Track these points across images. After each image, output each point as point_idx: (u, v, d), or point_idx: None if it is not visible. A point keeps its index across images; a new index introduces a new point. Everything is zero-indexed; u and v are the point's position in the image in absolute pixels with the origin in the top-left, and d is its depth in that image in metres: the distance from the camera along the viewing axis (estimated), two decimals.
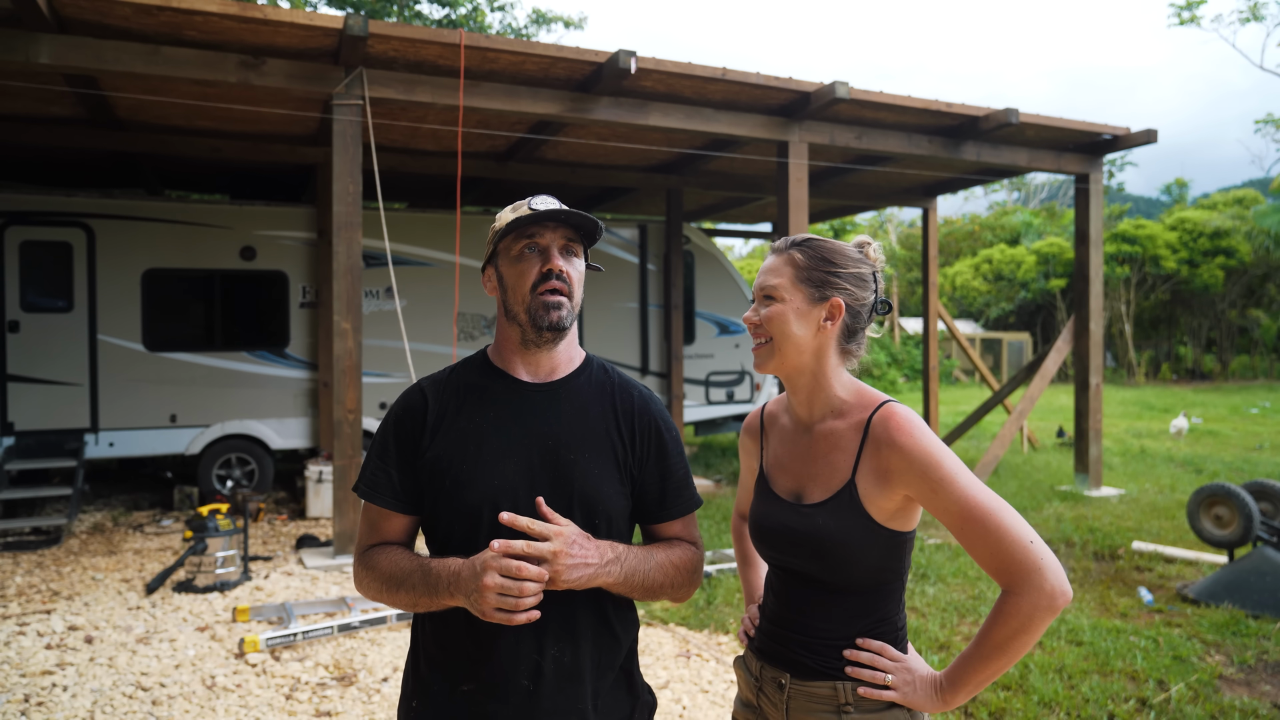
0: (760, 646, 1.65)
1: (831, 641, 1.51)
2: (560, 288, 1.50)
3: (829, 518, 1.48)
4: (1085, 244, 8.84)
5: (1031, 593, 1.34)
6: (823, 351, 1.54)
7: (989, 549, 1.37)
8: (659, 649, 4.47)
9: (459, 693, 1.47)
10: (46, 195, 8.18)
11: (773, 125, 7.34)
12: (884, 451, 1.45)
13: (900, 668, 1.48)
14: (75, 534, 7.01)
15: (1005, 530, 1.36)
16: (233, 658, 4.33)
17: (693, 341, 10.65)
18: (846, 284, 1.53)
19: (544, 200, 1.51)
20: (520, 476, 1.47)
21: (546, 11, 20.02)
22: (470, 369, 1.59)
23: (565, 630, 1.47)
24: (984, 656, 1.40)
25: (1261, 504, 5.43)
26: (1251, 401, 19.32)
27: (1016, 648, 1.37)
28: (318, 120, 7.39)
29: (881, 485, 1.46)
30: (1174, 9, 20.63)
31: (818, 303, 1.53)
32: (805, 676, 1.53)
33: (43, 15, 5.00)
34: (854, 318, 1.55)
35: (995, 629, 1.38)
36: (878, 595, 1.52)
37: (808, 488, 1.55)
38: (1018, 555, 1.35)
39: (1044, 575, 1.34)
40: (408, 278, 8.70)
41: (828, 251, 1.55)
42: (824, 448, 1.54)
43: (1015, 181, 37.83)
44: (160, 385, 8.08)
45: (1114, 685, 3.94)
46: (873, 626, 1.52)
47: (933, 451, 1.42)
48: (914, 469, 1.42)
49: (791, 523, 1.53)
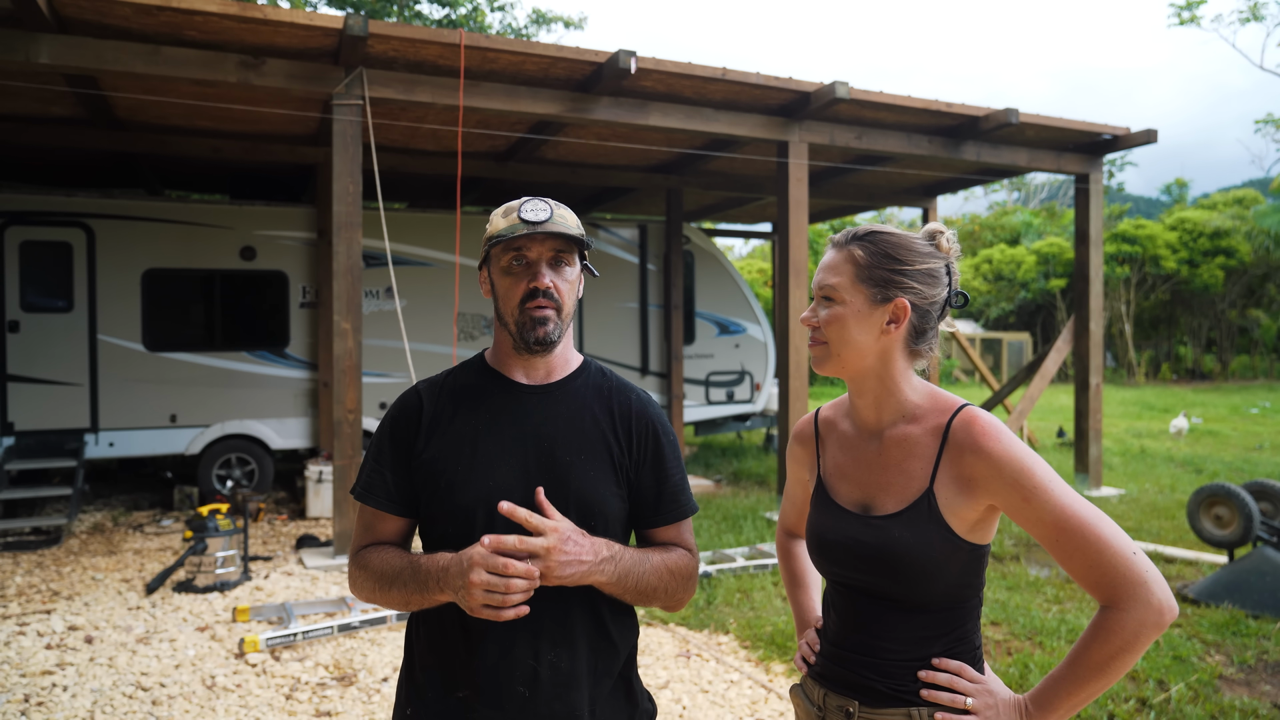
0: (822, 672, 1.52)
1: (905, 664, 1.40)
2: (546, 304, 1.48)
3: (905, 529, 1.38)
4: (1085, 244, 8.84)
5: (1138, 608, 1.24)
6: (888, 354, 1.43)
7: (1088, 562, 1.27)
8: (659, 649, 4.47)
9: (454, 699, 1.46)
10: (46, 195, 8.18)
11: (773, 125, 7.34)
12: (968, 458, 1.35)
13: (981, 689, 1.36)
14: (75, 534, 7.01)
15: (1106, 542, 1.26)
16: (233, 658, 4.33)
17: (693, 341, 10.64)
18: (914, 282, 1.41)
19: (534, 208, 1.47)
20: (516, 479, 1.47)
21: (546, 11, 20.04)
22: (467, 372, 1.59)
23: (562, 636, 1.46)
24: (1079, 678, 1.28)
25: (1261, 504, 5.43)
26: (1251, 401, 19.32)
27: (1117, 668, 1.26)
28: (318, 120, 7.39)
29: (964, 494, 1.36)
30: (1174, 9, 20.62)
31: (880, 304, 1.41)
32: (876, 703, 1.41)
33: (43, 15, 5.00)
34: (922, 318, 1.43)
35: (1094, 647, 1.27)
36: (955, 613, 1.41)
37: (878, 498, 1.44)
38: (1120, 568, 1.25)
39: (1150, 589, 1.24)
40: (408, 278, 8.70)
41: (892, 247, 1.42)
42: (897, 455, 1.43)
43: (1015, 181, 37.84)
44: (160, 385, 8.08)
45: (1114, 685, 3.94)
46: (950, 646, 1.40)
47: (1023, 458, 1.32)
48: (1003, 477, 1.32)
49: (861, 536, 1.42)
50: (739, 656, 4.39)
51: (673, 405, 10.25)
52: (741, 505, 7.90)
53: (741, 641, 4.58)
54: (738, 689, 3.98)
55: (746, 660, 4.34)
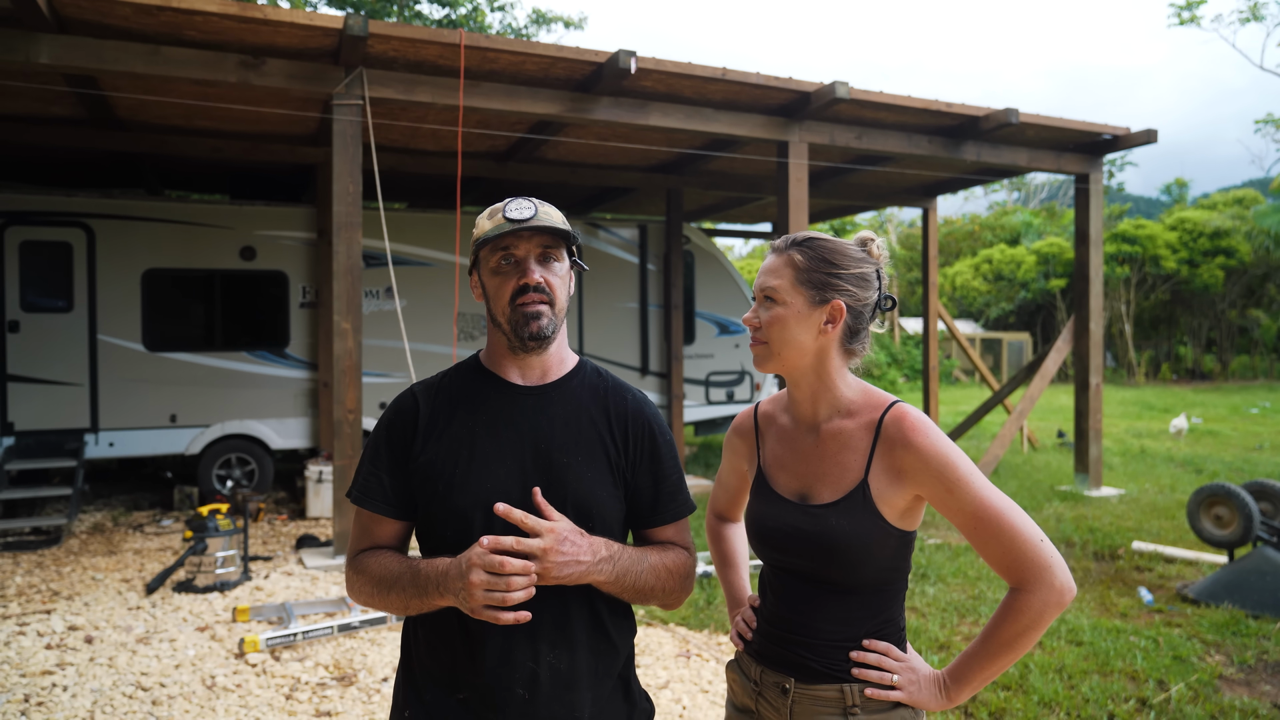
0: (760, 650, 1.63)
1: (838, 644, 1.51)
2: (538, 298, 1.48)
3: (841, 518, 1.48)
4: (1085, 244, 8.85)
5: (1042, 590, 1.37)
6: (825, 353, 1.53)
7: (1001, 548, 1.40)
8: (659, 649, 4.47)
9: (453, 702, 1.46)
10: (46, 195, 8.18)
11: (773, 125, 7.34)
12: (898, 451, 1.46)
13: (905, 667, 1.49)
14: (75, 534, 7.01)
15: (1017, 530, 1.39)
16: (233, 658, 4.33)
17: (693, 341, 10.65)
18: (848, 285, 1.51)
19: (518, 206, 1.47)
20: (513, 480, 1.47)
21: (546, 11, 20.04)
22: (463, 373, 1.59)
23: (561, 637, 1.46)
24: (990, 654, 1.42)
25: (1261, 504, 5.43)
26: (1251, 401, 19.32)
27: (1023, 644, 1.40)
28: (318, 120, 7.39)
29: (895, 485, 1.47)
30: (1174, 9, 20.63)
31: (818, 305, 1.51)
32: (811, 680, 1.52)
33: (43, 15, 5.00)
34: (856, 318, 1.53)
35: (1004, 626, 1.40)
36: (884, 596, 1.52)
37: (815, 488, 1.54)
38: (1029, 554, 1.38)
39: (1053, 573, 1.37)
40: (408, 278, 8.70)
41: (828, 252, 1.52)
42: (833, 447, 1.53)
43: (1015, 181, 37.84)
44: (160, 385, 8.08)
45: (1114, 685, 3.94)
46: (879, 628, 1.52)
47: (948, 453, 1.43)
48: (929, 469, 1.43)
49: (800, 523, 1.52)
50: None
51: (673, 405, 10.25)
52: None
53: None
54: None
55: None
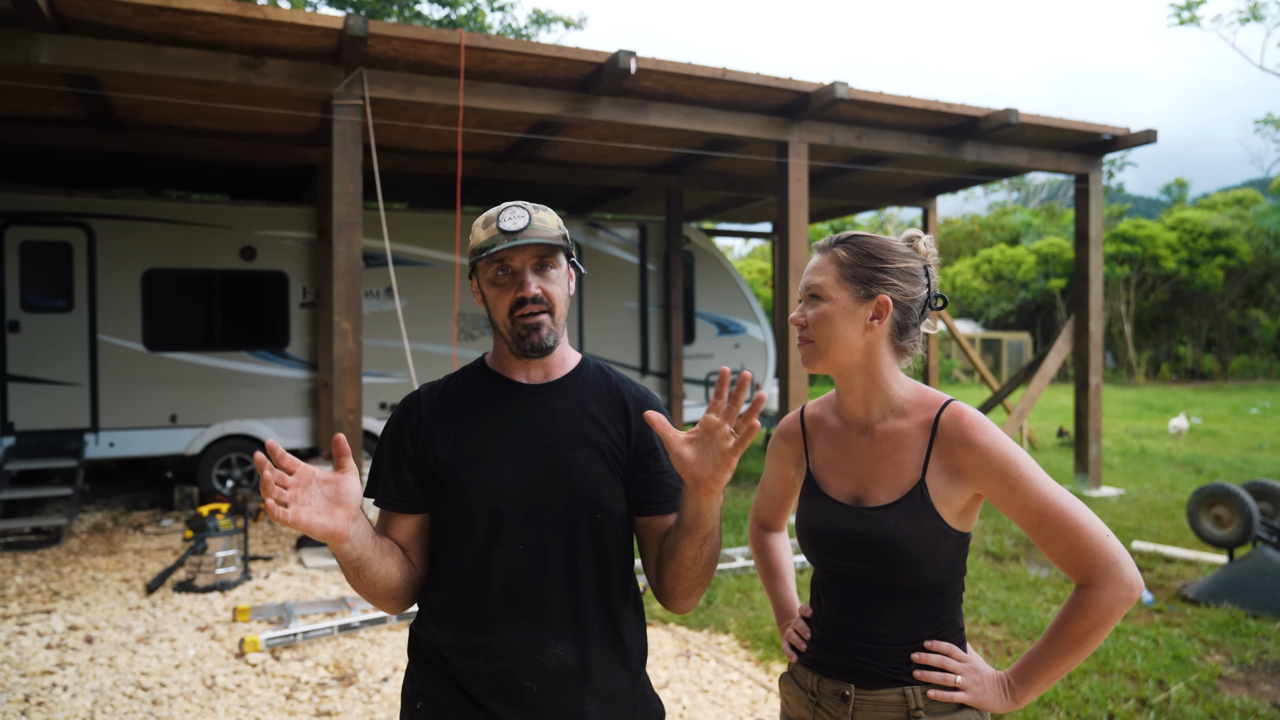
0: (815, 658, 1.58)
1: (898, 647, 1.48)
2: (537, 309, 1.48)
3: (899, 519, 1.45)
4: (1085, 244, 8.85)
5: (1111, 585, 1.35)
6: (874, 350, 1.50)
7: (1066, 545, 1.38)
8: (659, 649, 4.47)
9: (463, 695, 1.47)
10: (46, 195, 8.18)
11: (772, 125, 7.34)
12: (957, 450, 1.44)
13: (968, 668, 1.46)
14: (75, 534, 7.01)
15: (1082, 526, 1.37)
16: (233, 658, 4.33)
17: (693, 341, 10.65)
18: (894, 279, 1.49)
19: (512, 216, 1.47)
20: (518, 476, 1.48)
21: (546, 11, 20.04)
22: (468, 374, 1.61)
23: (571, 632, 1.47)
24: (1058, 652, 1.39)
25: (1261, 504, 5.43)
26: (1251, 401, 19.32)
27: (1091, 642, 1.38)
28: (318, 120, 7.39)
29: (953, 484, 1.44)
30: (1174, 9, 20.60)
31: (864, 300, 1.49)
32: (872, 685, 1.48)
33: (43, 15, 5.00)
34: (904, 314, 1.51)
35: (1072, 623, 1.38)
36: (943, 597, 1.50)
37: (870, 489, 1.51)
38: (1095, 549, 1.36)
39: (1121, 568, 1.35)
40: (408, 278, 8.70)
41: (873, 247, 1.51)
42: (887, 448, 1.51)
43: (1015, 181, 37.84)
44: (160, 385, 8.08)
45: (1114, 685, 3.94)
46: (939, 629, 1.49)
47: (1008, 451, 1.41)
48: (991, 468, 1.41)
49: (856, 526, 1.49)
50: (739, 656, 4.39)
51: (673, 405, 10.25)
52: (741, 505, 7.90)
53: (741, 641, 4.58)
54: (738, 689, 3.98)
55: (746, 660, 4.34)
